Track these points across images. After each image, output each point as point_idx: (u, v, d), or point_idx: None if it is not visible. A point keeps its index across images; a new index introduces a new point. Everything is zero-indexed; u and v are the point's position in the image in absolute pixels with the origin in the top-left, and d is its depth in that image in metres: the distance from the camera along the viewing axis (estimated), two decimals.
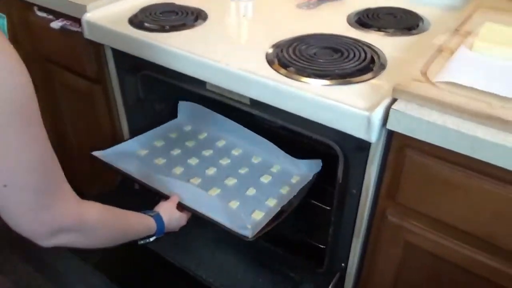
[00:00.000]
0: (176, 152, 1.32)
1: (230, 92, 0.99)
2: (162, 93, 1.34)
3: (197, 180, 1.20)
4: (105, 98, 1.33)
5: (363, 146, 0.88)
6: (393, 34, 1.09)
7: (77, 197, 0.70)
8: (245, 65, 0.96)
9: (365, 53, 0.99)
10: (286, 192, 1.17)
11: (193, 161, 1.28)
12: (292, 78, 0.92)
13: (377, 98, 0.86)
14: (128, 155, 1.26)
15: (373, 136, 0.83)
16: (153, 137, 1.35)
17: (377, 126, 0.82)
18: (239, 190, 1.17)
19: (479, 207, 0.80)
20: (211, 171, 1.25)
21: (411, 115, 0.78)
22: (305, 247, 1.22)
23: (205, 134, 1.39)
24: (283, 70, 0.95)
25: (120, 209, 0.84)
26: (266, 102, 0.94)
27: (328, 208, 1.26)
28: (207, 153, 1.31)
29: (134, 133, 1.33)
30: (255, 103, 0.97)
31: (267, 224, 1.04)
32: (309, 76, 0.94)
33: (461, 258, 0.87)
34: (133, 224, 0.90)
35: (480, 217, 0.81)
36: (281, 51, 1.01)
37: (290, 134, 1.29)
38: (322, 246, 1.17)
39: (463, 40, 0.95)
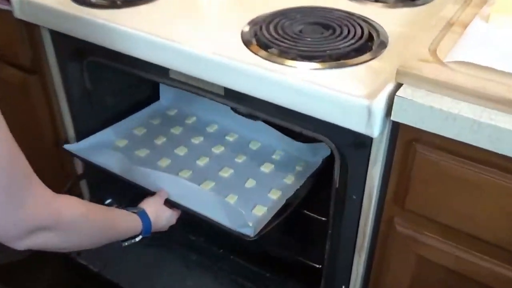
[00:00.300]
0: (160, 141, 1.37)
1: (199, 80, 1.00)
2: (115, 84, 1.34)
3: (187, 173, 1.24)
4: (44, 91, 1.32)
5: (363, 143, 0.89)
6: (394, 6, 1.11)
7: (52, 192, 0.76)
8: (215, 47, 0.97)
9: (362, 29, 1.00)
10: (291, 182, 1.21)
11: (181, 150, 1.33)
12: (274, 62, 0.93)
13: (378, 83, 0.87)
14: (105, 147, 1.30)
15: (375, 129, 0.84)
16: (133, 124, 1.40)
17: (380, 117, 0.83)
18: (237, 182, 1.22)
19: (505, 213, 0.81)
20: (202, 161, 1.29)
21: (420, 103, 0.79)
22: (297, 267, 1.24)
23: (194, 119, 1.43)
24: (263, 52, 0.96)
25: (101, 205, 0.90)
26: (243, 91, 0.95)
27: (323, 219, 1.28)
28: (196, 140, 1.37)
29: (81, 134, 1.34)
30: (230, 93, 0.98)
31: (271, 220, 1.08)
32: (294, 58, 0.94)
33: (484, 273, 0.88)
34: (117, 221, 0.95)
35: (506, 224, 0.82)
36: (260, 28, 1.01)
37: (276, 127, 1.31)
38: (317, 266, 1.19)
39: (478, 11, 0.96)
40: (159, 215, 1.07)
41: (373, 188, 0.93)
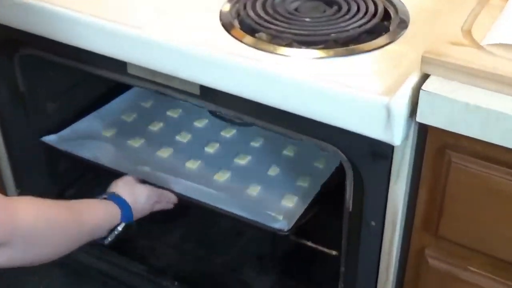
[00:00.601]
0: (156, 126, 1.44)
1: (166, 77, 1.00)
2: (57, 84, 1.34)
3: (195, 164, 1.32)
4: None
5: (382, 152, 0.90)
6: None
7: (2, 196, 0.79)
8: (186, 33, 0.97)
9: (375, 5, 1.00)
10: (323, 165, 1.28)
11: (183, 137, 1.40)
12: (263, 50, 0.93)
13: (398, 74, 0.87)
14: (91, 138, 1.37)
15: (397, 135, 0.85)
16: (119, 109, 1.47)
17: (402, 119, 0.83)
18: (258, 170, 1.30)
19: None
20: (212, 148, 1.36)
21: (452, 99, 0.80)
22: None
23: None
24: (248, 38, 0.96)
25: (62, 200, 0.94)
26: (224, 90, 0.95)
27: (333, 253, 1.27)
28: (200, 123, 1.43)
29: (12, 149, 1.33)
30: (207, 92, 0.98)
31: (306, 210, 1.16)
32: (289, 45, 0.94)
33: None
34: (86, 214, 1.00)
35: None
36: (244, 7, 1.01)
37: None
38: None
39: None
40: (135, 193, 1.13)
41: (397, 211, 0.93)
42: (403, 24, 0.98)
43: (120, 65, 1.04)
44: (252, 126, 1.32)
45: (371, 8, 1.00)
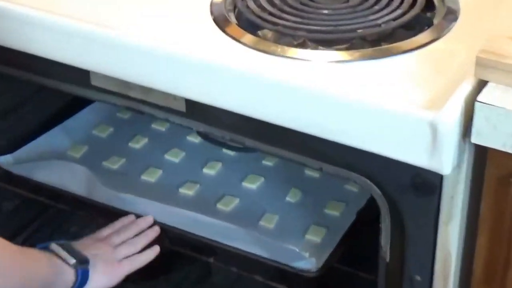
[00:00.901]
0: (139, 143, 1.47)
1: (142, 89, 1.01)
2: (3, 99, 1.37)
3: (192, 188, 1.35)
4: None
5: (427, 185, 0.89)
6: None
7: None
8: (168, 32, 0.98)
9: None
10: (357, 188, 1.30)
11: (174, 155, 1.43)
12: (269, 52, 0.94)
13: (445, 81, 0.87)
14: (56, 157, 1.40)
15: (446, 161, 0.84)
16: (90, 121, 1.49)
17: (452, 140, 0.83)
18: (273, 196, 1.33)
19: None
20: (212, 168, 1.39)
21: None
22: None
23: None
24: (248, 37, 0.97)
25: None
26: (217, 105, 0.96)
27: None
28: (196, 138, 1.43)
29: None
30: (195, 109, 0.99)
31: (340, 245, 1.19)
32: (303, 45, 0.95)
33: None
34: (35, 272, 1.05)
35: None
36: None
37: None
38: None
39: None
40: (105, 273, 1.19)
41: (449, 261, 0.93)
42: (452, 15, 0.98)
43: (81, 76, 1.05)
44: (255, 152, 1.34)
45: None
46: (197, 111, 0.99)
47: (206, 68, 0.94)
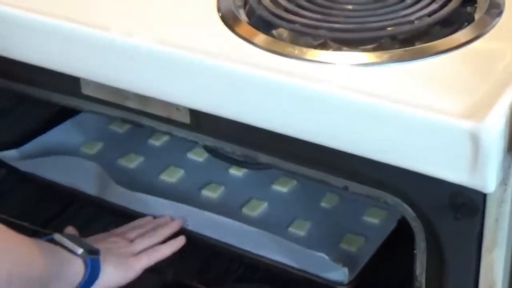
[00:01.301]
0: (159, 140, 1.51)
1: (140, 98, 1.00)
2: None
3: (217, 190, 1.39)
4: None
5: (469, 205, 0.87)
6: None
7: None
8: (169, 32, 0.97)
9: None
10: None
11: (198, 154, 1.46)
12: (285, 54, 0.91)
13: (488, 86, 0.85)
14: (66, 154, 1.44)
15: (490, 178, 0.82)
16: (103, 119, 1.50)
17: (496, 153, 0.81)
18: (306, 201, 1.35)
19: None
20: (239, 169, 1.41)
21: None
22: None
23: None
24: (261, 37, 0.95)
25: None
26: (226, 116, 0.94)
27: None
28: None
29: None
30: (201, 120, 0.97)
31: (377, 256, 1.22)
32: (324, 45, 0.93)
33: None
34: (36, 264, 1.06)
35: None
36: None
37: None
38: None
39: None
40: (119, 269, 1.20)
41: None
42: (495, 9, 0.96)
43: (70, 83, 1.04)
44: (270, 169, 1.33)
45: None
46: (202, 123, 0.98)
47: (212, 73, 0.92)
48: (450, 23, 0.95)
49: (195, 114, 0.97)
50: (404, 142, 0.84)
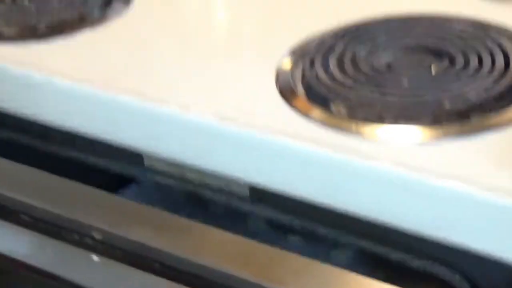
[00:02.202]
0: None
1: (199, 173, 1.01)
2: None
3: None
4: None
5: None
6: None
7: None
8: (223, 106, 0.98)
9: (506, 55, 0.99)
10: None
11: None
12: (341, 129, 0.92)
13: None
14: None
15: None
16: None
17: None
18: None
19: None
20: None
21: None
22: None
23: None
24: (317, 112, 0.95)
25: None
26: (286, 190, 0.94)
27: None
28: None
29: None
30: (261, 195, 0.98)
31: None
32: (380, 119, 0.93)
33: None
34: None
35: None
36: (311, 63, 1.02)
37: None
38: None
39: None
40: None
41: None
42: None
43: (133, 157, 1.07)
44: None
45: (500, 59, 0.98)
46: (262, 196, 0.99)
47: (269, 149, 0.93)
48: (506, 97, 0.94)
49: (254, 189, 0.98)
50: (467, 223, 0.84)
